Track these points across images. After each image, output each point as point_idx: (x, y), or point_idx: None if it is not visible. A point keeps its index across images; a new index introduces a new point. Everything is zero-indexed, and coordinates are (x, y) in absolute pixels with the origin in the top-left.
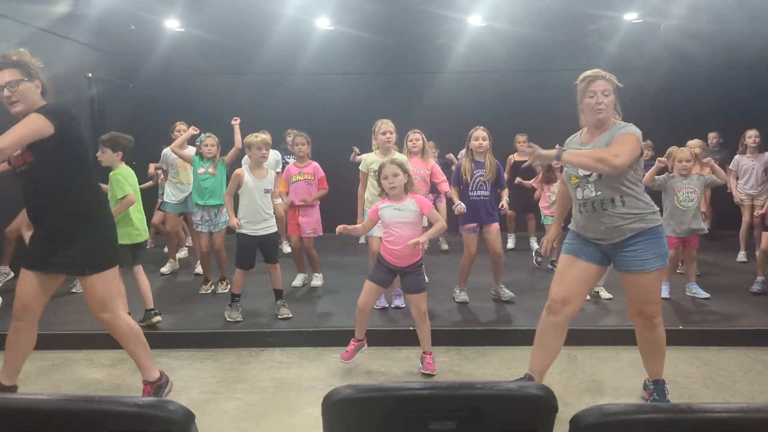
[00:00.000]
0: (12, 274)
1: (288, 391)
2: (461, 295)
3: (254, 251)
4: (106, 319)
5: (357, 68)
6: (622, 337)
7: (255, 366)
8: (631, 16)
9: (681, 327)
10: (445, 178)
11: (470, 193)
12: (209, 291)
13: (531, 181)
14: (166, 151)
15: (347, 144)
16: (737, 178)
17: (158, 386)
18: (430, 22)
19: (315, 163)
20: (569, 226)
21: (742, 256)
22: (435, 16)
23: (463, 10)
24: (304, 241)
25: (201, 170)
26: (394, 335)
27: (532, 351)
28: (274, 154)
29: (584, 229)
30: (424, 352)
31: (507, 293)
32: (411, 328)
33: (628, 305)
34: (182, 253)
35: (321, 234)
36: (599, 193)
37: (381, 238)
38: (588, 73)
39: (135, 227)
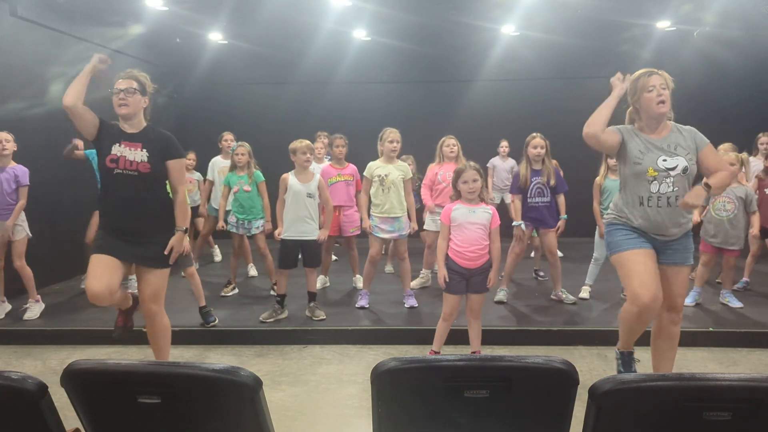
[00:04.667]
0: None
1: (329, 385)
2: (500, 295)
3: (296, 254)
4: (155, 310)
5: (393, 77)
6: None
7: (297, 361)
8: (663, 24)
9: (711, 328)
10: None
11: (528, 200)
12: (230, 294)
13: None
14: (214, 160)
15: None
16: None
17: None
18: (464, 32)
19: (353, 165)
20: (610, 219)
21: None
22: (469, 26)
23: (496, 20)
24: (350, 241)
25: (235, 188)
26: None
27: (624, 335)
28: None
29: (648, 222)
30: (473, 352)
31: (569, 297)
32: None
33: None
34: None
35: (359, 233)
36: (676, 189)
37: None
38: (641, 71)
39: None
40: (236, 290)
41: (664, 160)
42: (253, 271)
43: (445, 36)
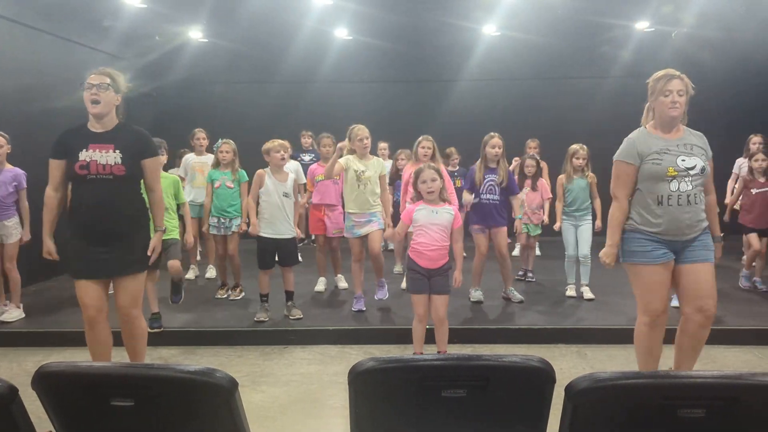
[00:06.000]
0: None
1: (310, 385)
2: (476, 294)
3: (273, 254)
4: (135, 315)
5: (375, 77)
6: (632, 336)
7: (278, 362)
8: (642, 25)
9: None
10: (452, 188)
11: (481, 197)
12: (224, 296)
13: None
14: (187, 157)
15: None
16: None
17: None
18: (445, 32)
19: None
20: (626, 227)
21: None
22: (450, 26)
23: (477, 20)
24: (332, 241)
25: (217, 183)
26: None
27: (642, 359)
28: (292, 164)
29: (667, 222)
30: (439, 352)
31: (516, 296)
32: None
33: (686, 304)
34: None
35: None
36: (695, 187)
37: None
38: (663, 72)
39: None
40: (230, 293)
41: (683, 160)
42: (211, 272)
43: (426, 35)
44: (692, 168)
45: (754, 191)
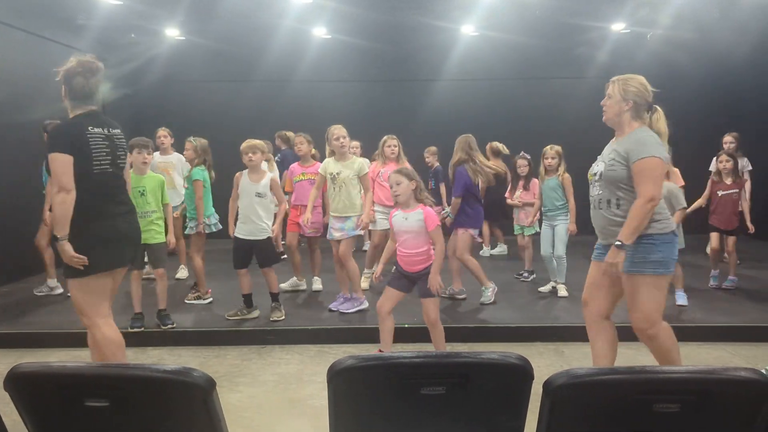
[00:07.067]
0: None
1: (288, 385)
2: (449, 290)
3: (248, 254)
4: (84, 323)
5: (353, 76)
6: None
7: (256, 362)
8: (618, 27)
9: None
10: None
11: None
12: (193, 300)
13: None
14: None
15: None
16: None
17: None
18: (424, 31)
19: (319, 164)
20: None
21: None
22: (429, 25)
23: (456, 20)
24: (308, 240)
25: (185, 184)
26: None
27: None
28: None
29: (594, 226)
30: None
31: (485, 298)
32: (406, 325)
33: None
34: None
35: (320, 234)
36: (601, 192)
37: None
38: None
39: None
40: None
41: (597, 165)
42: (182, 272)
43: (405, 35)
44: (596, 174)
45: (720, 193)
